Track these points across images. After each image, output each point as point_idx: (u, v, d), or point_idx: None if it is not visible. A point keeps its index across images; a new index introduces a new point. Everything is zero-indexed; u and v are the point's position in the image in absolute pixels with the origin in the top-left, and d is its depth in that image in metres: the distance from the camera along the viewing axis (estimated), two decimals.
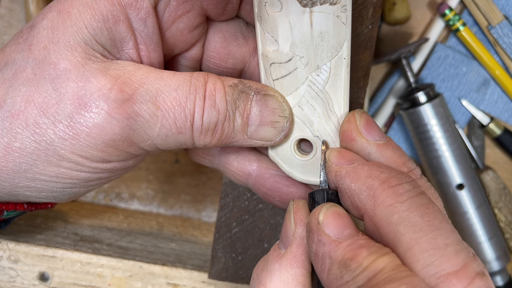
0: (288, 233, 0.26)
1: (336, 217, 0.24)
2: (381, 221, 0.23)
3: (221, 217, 0.39)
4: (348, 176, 0.25)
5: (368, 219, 0.24)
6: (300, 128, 0.30)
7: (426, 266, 0.21)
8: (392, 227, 0.22)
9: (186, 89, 0.27)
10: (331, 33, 0.28)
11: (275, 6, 0.28)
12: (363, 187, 0.24)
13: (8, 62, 0.27)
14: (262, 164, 0.33)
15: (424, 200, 0.23)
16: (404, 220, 0.22)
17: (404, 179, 0.24)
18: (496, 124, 0.53)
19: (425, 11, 0.54)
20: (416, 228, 0.22)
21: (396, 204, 0.23)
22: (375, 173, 0.24)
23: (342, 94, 0.29)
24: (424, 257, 0.21)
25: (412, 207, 0.23)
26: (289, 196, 0.32)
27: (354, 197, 0.25)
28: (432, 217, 0.22)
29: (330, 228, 0.23)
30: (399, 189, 0.23)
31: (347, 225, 0.24)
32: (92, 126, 0.26)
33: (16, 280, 0.40)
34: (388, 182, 0.24)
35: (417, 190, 0.24)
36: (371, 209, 0.24)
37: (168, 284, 0.42)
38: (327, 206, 0.24)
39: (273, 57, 0.29)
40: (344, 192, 0.25)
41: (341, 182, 0.26)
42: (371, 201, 0.24)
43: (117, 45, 0.27)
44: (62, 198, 0.30)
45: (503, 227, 0.52)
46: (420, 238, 0.22)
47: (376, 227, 0.23)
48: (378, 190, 0.24)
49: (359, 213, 0.25)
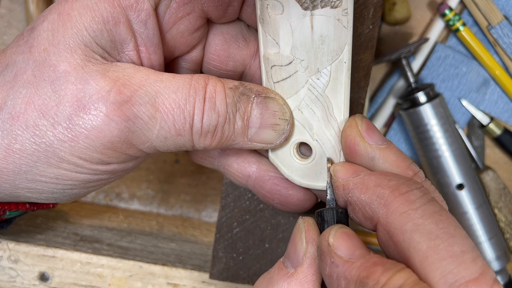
0: (298, 252, 0.26)
1: (346, 238, 0.24)
2: (395, 229, 0.23)
3: (222, 217, 0.39)
4: (356, 188, 0.25)
5: (381, 228, 0.24)
6: (299, 132, 0.30)
7: (445, 275, 0.21)
8: (406, 235, 0.22)
9: (185, 91, 0.27)
10: (331, 37, 0.28)
11: (277, 8, 0.28)
12: (374, 197, 0.24)
13: (9, 64, 0.27)
14: (262, 166, 0.33)
15: (437, 207, 0.23)
16: (419, 227, 0.22)
17: (413, 185, 0.24)
18: (496, 124, 0.53)
19: (425, 11, 0.54)
20: (432, 235, 0.22)
21: (409, 212, 0.23)
22: (384, 182, 0.24)
23: (342, 99, 0.29)
24: (442, 265, 0.21)
25: (425, 215, 0.22)
26: (288, 199, 0.32)
27: (366, 208, 0.24)
28: (447, 224, 0.22)
29: (342, 250, 0.23)
30: (411, 196, 0.23)
31: (357, 246, 0.23)
32: (91, 128, 0.26)
33: (16, 280, 0.40)
34: (398, 189, 0.24)
35: (427, 197, 0.23)
36: (383, 217, 0.23)
37: (168, 284, 0.42)
38: (336, 228, 0.24)
39: (274, 60, 0.29)
40: (355, 204, 0.25)
41: (350, 195, 0.25)
42: (383, 210, 0.23)
43: (117, 47, 0.27)
44: (62, 199, 0.30)
45: (503, 227, 0.52)
46: (437, 246, 0.21)
47: (389, 236, 0.23)
48: (390, 198, 0.23)
49: (372, 224, 0.24)
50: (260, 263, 0.39)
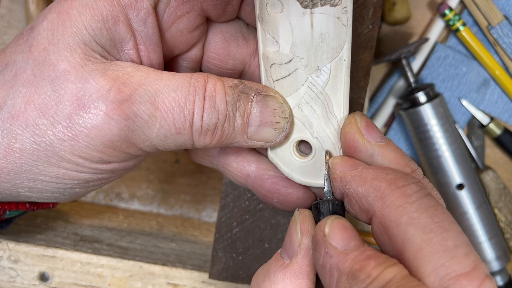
0: (293, 243, 0.26)
1: (341, 229, 0.24)
2: (390, 222, 0.23)
3: (222, 217, 0.39)
4: (354, 181, 0.25)
5: (376, 221, 0.24)
6: (299, 130, 0.30)
7: (437, 268, 0.21)
8: (401, 228, 0.22)
9: (185, 90, 0.27)
10: (331, 35, 0.28)
11: (276, 7, 0.28)
12: (371, 189, 0.24)
13: (8, 63, 0.27)
14: (261, 165, 0.33)
15: (432, 201, 0.23)
16: (414, 221, 0.22)
17: (410, 180, 0.24)
18: (496, 124, 0.53)
19: (425, 11, 0.54)
20: (426, 229, 0.22)
21: (405, 205, 0.23)
22: (381, 175, 0.24)
23: (342, 96, 0.29)
24: (435, 258, 0.21)
25: (421, 209, 0.22)
26: (287, 198, 0.32)
27: (362, 200, 0.24)
28: (441, 218, 0.22)
29: (337, 240, 0.23)
30: (407, 190, 0.23)
31: (352, 237, 0.23)
32: (91, 127, 0.26)
33: (16, 280, 0.40)
34: (395, 183, 0.24)
35: (424, 191, 0.24)
36: (379, 210, 0.23)
37: (168, 284, 0.42)
38: (332, 218, 0.24)
39: (274, 58, 0.29)
40: (352, 196, 0.25)
41: (348, 187, 0.26)
42: (379, 203, 0.24)
43: (117, 46, 0.27)
44: (63, 198, 0.30)
45: (503, 227, 0.52)
46: (430, 240, 0.22)
47: (384, 229, 0.23)
48: (386, 191, 0.24)
49: (368, 217, 0.25)
50: (259, 263, 0.39)
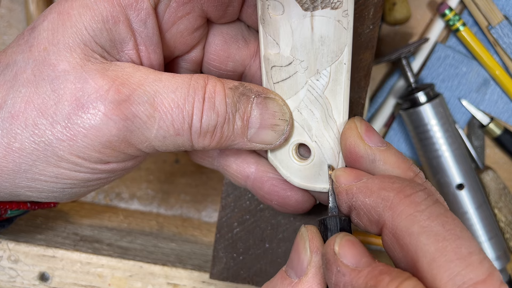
0: (301, 261, 0.26)
1: (351, 246, 0.23)
2: (402, 231, 0.22)
3: (223, 217, 0.39)
4: (360, 192, 0.25)
5: (387, 231, 0.23)
6: (299, 133, 0.30)
7: (454, 277, 0.21)
8: (413, 237, 0.22)
9: (184, 91, 0.27)
10: (331, 38, 0.28)
11: (277, 9, 0.28)
12: (379, 200, 0.24)
13: (9, 63, 0.27)
14: (261, 167, 0.33)
15: (442, 208, 0.23)
16: (426, 229, 0.22)
17: (417, 187, 0.24)
18: (496, 124, 0.53)
19: (425, 11, 0.54)
20: (439, 237, 0.22)
21: (415, 214, 0.22)
22: (388, 184, 0.24)
23: (341, 100, 0.28)
24: (451, 267, 0.21)
25: (432, 216, 0.22)
26: (286, 200, 0.32)
27: (371, 212, 0.24)
28: (453, 225, 0.22)
29: (348, 258, 0.23)
30: (416, 198, 0.23)
31: (363, 253, 0.23)
32: (89, 127, 0.26)
33: (16, 280, 0.40)
34: (403, 191, 0.23)
35: (432, 198, 0.23)
36: (389, 220, 0.23)
37: (168, 284, 0.42)
38: (341, 236, 0.24)
39: (274, 60, 0.29)
40: (360, 209, 0.25)
41: (354, 200, 0.25)
42: (389, 213, 0.23)
43: (117, 46, 0.27)
44: (62, 198, 0.30)
45: (503, 227, 0.52)
46: (444, 248, 0.21)
47: (396, 239, 0.23)
48: (395, 200, 0.23)
49: (378, 228, 0.24)
50: (260, 263, 0.39)
